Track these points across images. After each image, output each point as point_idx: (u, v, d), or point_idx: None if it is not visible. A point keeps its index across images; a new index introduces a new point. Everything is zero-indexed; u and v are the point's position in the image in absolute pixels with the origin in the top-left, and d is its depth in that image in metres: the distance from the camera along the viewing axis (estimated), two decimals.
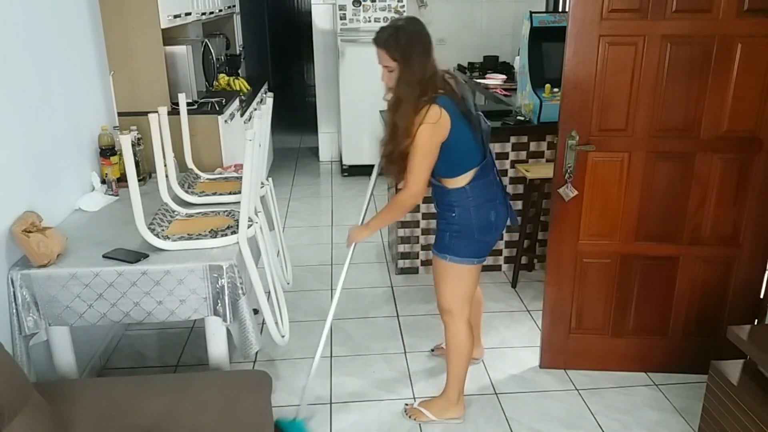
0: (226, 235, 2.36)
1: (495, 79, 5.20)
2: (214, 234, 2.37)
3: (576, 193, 2.58)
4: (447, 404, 2.54)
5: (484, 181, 2.29)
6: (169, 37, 3.74)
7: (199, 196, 2.86)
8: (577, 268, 2.73)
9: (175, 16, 3.59)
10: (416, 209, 3.78)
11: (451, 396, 2.52)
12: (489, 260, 3.93)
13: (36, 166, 2.46)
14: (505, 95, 4.62)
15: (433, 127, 2.12)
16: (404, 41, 2.15)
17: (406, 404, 2.63)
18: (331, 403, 2.69)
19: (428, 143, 2.15)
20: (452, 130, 2.16)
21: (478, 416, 2.61)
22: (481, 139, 2.30)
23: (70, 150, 2.79)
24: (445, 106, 2.15)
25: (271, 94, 3.09)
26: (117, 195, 2.89)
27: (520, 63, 3.94)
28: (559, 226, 2.68)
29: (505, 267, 3.94)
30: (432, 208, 3.83)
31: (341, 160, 6.04)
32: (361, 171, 5.93)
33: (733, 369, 2.20)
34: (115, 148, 3.00)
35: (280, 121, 7.53)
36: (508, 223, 2.43)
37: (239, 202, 2.36)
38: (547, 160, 3.72)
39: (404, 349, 3.10)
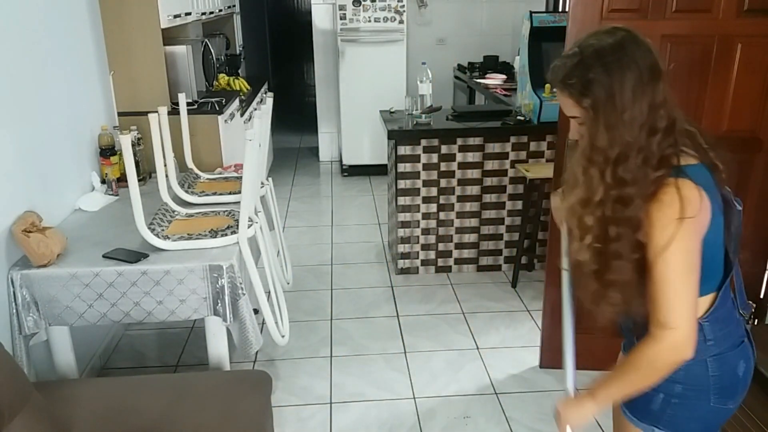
0: (226, 235, 2.36)
1: (495, 79, 5.20)
2: (214, 234, 2.37)
3: None
4: None
5: (726, 310, 1.40)
6: (169, 37, 3.74)
7: (199, 196, 2.86)
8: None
9: (175, 16, 3.59)
10: (416, 209, 3.78)
11: None
12: (489, 260, 3.93)
13: (36, 166, 2.46)
14: (505, 95, 4.62)
15: (695, 224, 1.22)
16: (598, 72, 1.23)
17: None
18: (331, 403, 2.69)
19: (691, 251, 1.24)
20: (711, 224, 1.28)
21: (478, 416, 2.61)
22: (731, 241, 1.38)
23: (70, 150, 2.79)
24: (703, 184, 1.25)
25: (271, 94, 3.09)
26: (117, 195, 2.89)
27: (520, 63, 3.94)
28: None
29: (505, 267, 3.94)
30: (432, 208, 3.85)
31: (341, 160, 6.05)
32: (361, 171, 5.94)
33: None
34: (115, 148, 3.00)
35: (280, 121, 7.54)
36: None
37: (239, 202, 2.36)
38: (547, 160, 3.71)
39: (404, 349, 3.09)
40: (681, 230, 1.20)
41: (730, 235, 1.35)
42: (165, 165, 2.61)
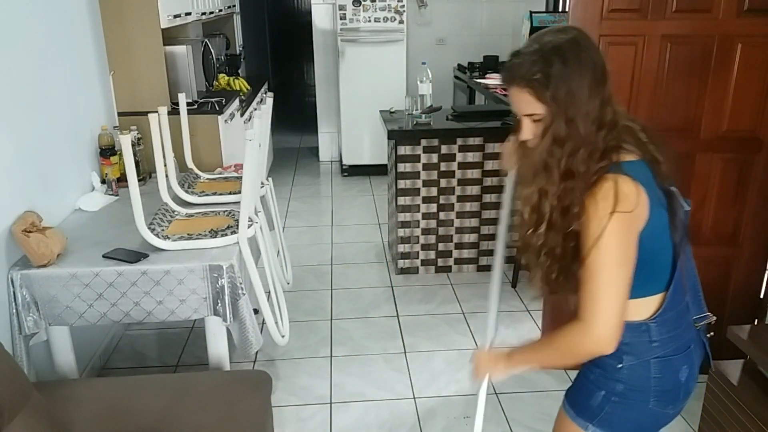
0: (226, 235, 2.36)
1: (495, 79, 5.19)
2: (214, 234, 2.37)
3: None
4: None
5: (677, 312, 1.39)
6: (169, 37, 3.74)
7: (199, 196, 2.86)
8: None
9: (175, 16, 3.59)
10: (416, 209, 3.78)
11: None
12: (489, 260, 3.93)
13: (36, 166, 2.46)
14: (505, 95, 4.62)
15: (629, 219, 1.23)
16: (559, 67, 1.24)
17: None
18: (331, 403, 2.69)
19: (622, 246, 1.24)
20: (650, 220, 1.28)
21: None
22: (677, 237, 1.37)
23: (70, 150, 2.79)
24: (641, 179, 1.26)
25: (271, 94, 3.09)
26: (117, 195, 2.89)
27: None
28: None
29: (505, 267, 3.93)
30: (432, 208, 3.85)
31: (341, 160, 6.05)
32: (361, 171, 5.94)
33: (733, 369, 2.20)
34: (115, 148, 3.00)
35: (280, 121, 7.54)
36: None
37: (239, 202, 2.36)
38: None
39: (404, 349, 3.09)
40: (612, 224, 1.21)
41: (675, 230, 1.35)
42: (165, 165, 2.61)
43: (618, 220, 1.21)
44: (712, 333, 1.49)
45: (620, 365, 1.38)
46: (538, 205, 1.31)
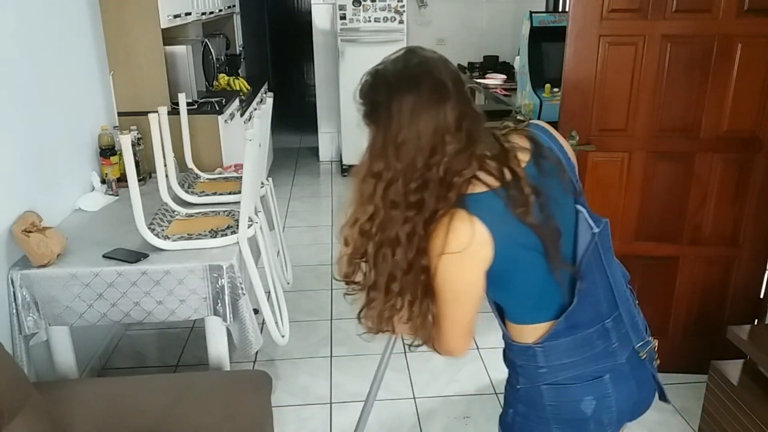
0: (226, 235, 2.36)
1: (495, 79, 5.20)
2: (214, 234, 2.37)
3: None
4: None
5: (574, 340, 1.29)
6: (169, 37, 3.74)
7: (199, 196, 2.86)
8: None
9: (175, 16, 3.59)
10: None
11: None
12: None
13: (36, 166, 2.46)
14: (505, 95, 4.62)
15: (460, 259, 1.17)
16: (382, 92, 1.20)
17: None
18: (331, 403, 2.69)
19: (461, 283, 1.22)
20: (498, 258, 1.19)
21: (478, 416, 2.61)
22: (557, 270, 1.25)
23: (70, 150, 2.79)
24: (483, 215, 1.16)
25: (271, 94, 3.09)
26: (117, 195, 2.89)
27: (520, 63, 3.94)
28: None
29: None
30: None
31: (341, 160, 6.05)
32: None
33: (733, 369, 2.20)
34: (115, 148, 3.00)
35: (280, 121, 7.53)
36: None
37: (239, 202, 2.36)
38: None
39: (404, 349, 3.09)
40: (443, 265, 1.17)
41: (556, 263, 1.23)
42: (165, 165, 2.61)
43: (447, 261, 1.17)
44: (658, 360, 1.42)
45: (519, 386, 1.37)
46: (349, 236, 1.25)
